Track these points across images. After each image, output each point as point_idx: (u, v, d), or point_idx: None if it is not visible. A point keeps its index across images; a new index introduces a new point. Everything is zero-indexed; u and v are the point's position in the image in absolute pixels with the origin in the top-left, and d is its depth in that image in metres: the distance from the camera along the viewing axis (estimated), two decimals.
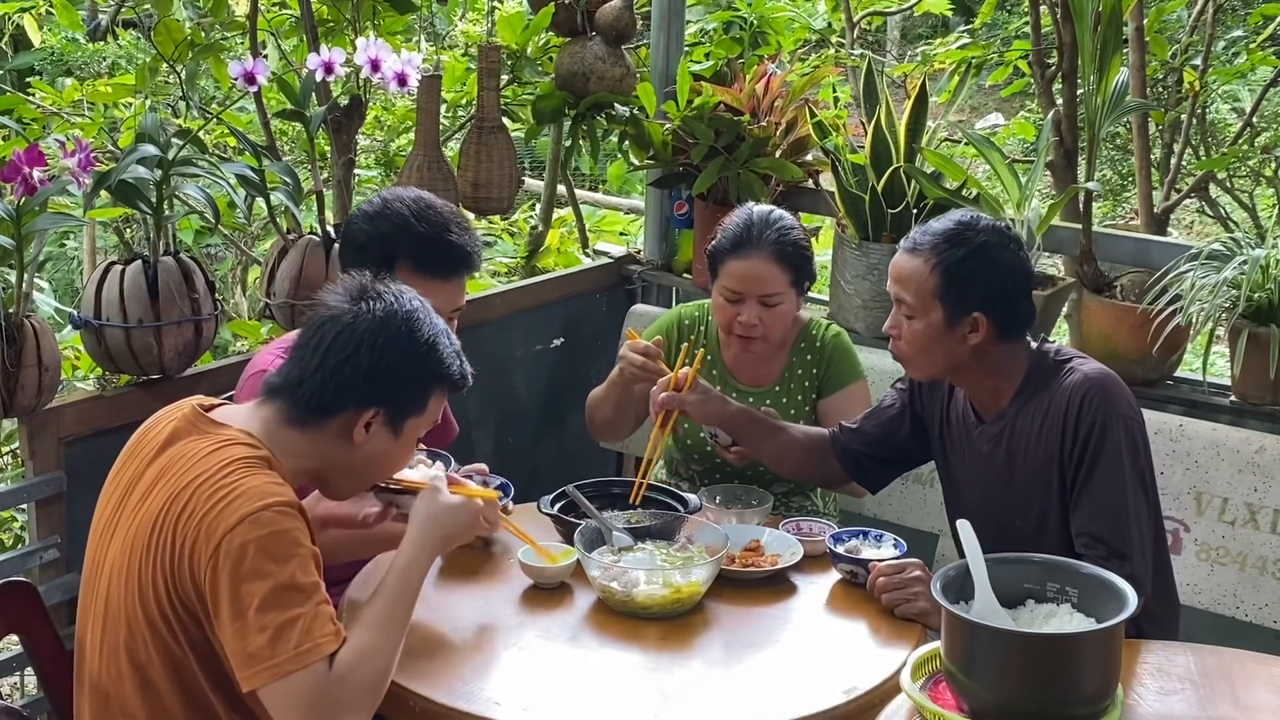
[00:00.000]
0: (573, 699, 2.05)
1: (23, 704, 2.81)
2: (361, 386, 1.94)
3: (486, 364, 3.58)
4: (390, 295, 2.00)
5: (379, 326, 1.95)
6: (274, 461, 1.92)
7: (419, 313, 2.01)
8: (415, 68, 2.93)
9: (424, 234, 2.46)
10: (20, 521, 4.04)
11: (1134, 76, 3.94)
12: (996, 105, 8.64)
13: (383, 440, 1.99)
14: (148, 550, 1.86)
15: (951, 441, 2.56)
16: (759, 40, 4.34)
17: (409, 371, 1.98)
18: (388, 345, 1.95)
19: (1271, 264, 2.84)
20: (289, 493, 1.87)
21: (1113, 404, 2.34)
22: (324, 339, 1.95)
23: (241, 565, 1.79)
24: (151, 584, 1.85)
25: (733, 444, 2.74)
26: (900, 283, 2.42)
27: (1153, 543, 2.38)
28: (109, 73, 5.84)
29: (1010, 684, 1.78)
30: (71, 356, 3.46)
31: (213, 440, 1.92)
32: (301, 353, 1.97)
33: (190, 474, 1.87)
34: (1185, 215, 7.33)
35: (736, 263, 2.80)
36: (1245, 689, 2.00)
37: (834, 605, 2.37)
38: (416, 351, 1.98)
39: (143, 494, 1.92)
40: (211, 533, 1.81)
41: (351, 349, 1.94)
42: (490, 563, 2.44)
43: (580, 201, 4.70)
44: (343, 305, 1.98)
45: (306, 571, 1.83)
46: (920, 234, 2.43)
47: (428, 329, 2.01)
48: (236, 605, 1.79)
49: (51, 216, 2.57)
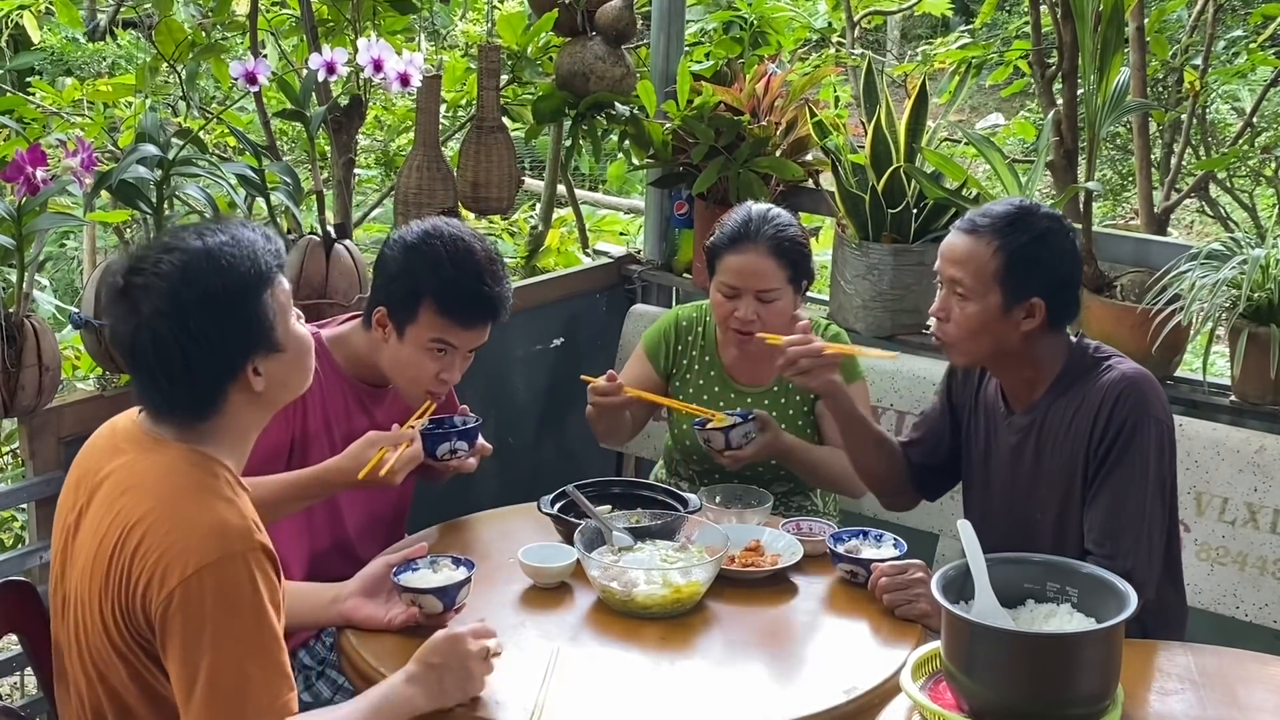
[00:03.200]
0: (573, 699, 2.05)
1: (23, 704, 2.81)
2: (219, 366, 1.84)
3: (486, 364, 3.60)
4: (151, 274, 1.82)
5: (174, 313, 1.80)
6: (227, 472, 1.85)
7: (187, 263, 1.83)
8: (418, 68, 2.93)
9: (454, 281, 2.42)
10: (20, 521, 4.04)
11: (1134, 76, 3.95)
12: (996, 105, 8.64)
13: (277, 363, 1.90)
14: (105, 586, 1.81)
15: (978, 432, 2.56)
16: (759, 40, 4.34)
17: (238, 315, 1.84)
18: (199, 320, 1.81)
19: (1271, 264, 2.84)
20: (245, 525, 1.79)
21: (1148, 406, 2.33)
22: (145, 359, 1.83)
23: (193, 622, 1.73)
24: (113, 618, 1.81)
25: (726, 448, 2.74)
26: (958, 264, 2.37)
27: (1164, 549, 2.37)
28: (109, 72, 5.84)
29: (1010, 684, 1.78)
30: (71, 356, 3.45)
31: (163, 460, 1.84)
32: (141, 378, 1.86)
33: (147, 499, 1.80)
34: (1185, 215, 7.33)
35: (734, 257, 2.81)
36: (1245, 689, 2.00)
37: (834, 605, 2.37)
38: (224, 297, 1.83)
39: (97, 517, 1.86)
40: (166, 577, 1.74)
41: (179, 351, 1.81)
42: (490, 562, 2.44)
43: (580, 201, 4.70)
44: (124, 319, 1.83)
45: (265, 628, 1.77)
46: (979, 216, 2.39)
47: (210, 265, 1.83)
48: (187, 660, 1.74)
49: (52, 216, 2.57)
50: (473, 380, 3.49)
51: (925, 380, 3.28)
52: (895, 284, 3.40)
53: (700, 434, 2.79)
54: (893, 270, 3.39)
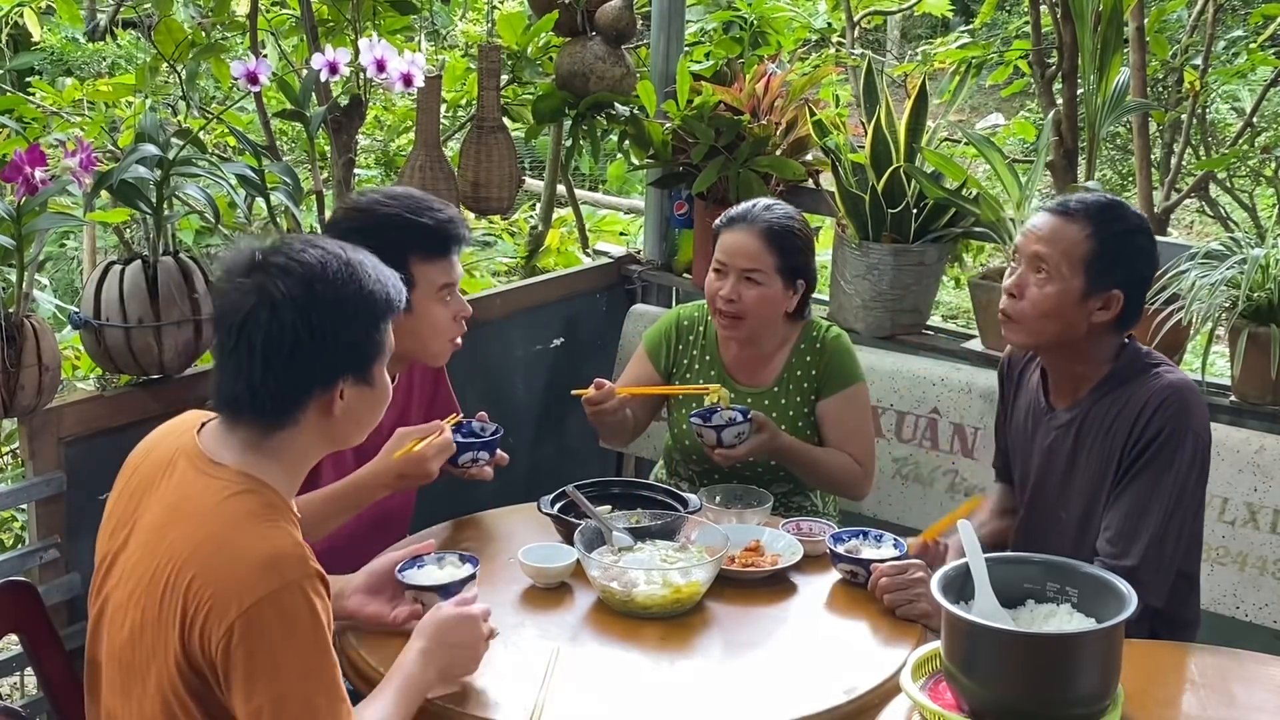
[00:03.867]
0: (573, 699, 2.05)
1: (23, 704, 2.81)
2: (319, 370, 1.84)
3: (486, 364, 3.60)
4: (292, 260, 1.83)
5: (303, 303, 1.80)
6: (279, 501, 1.84)
7: (328, 262, 1.84)
8: (420, 68, 2.93)
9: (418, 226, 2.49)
10: (20, 521, 4.04)
11: (1134, 76, 3.95)
12: (996, 105, 8.64)
13: (361, 397, 1.90)
14: (160, 613, 1.79)
15: (1015, 422, 2.57)
16: (759, 40, 4.35)
17: (355, 328, 1.86)
18: (322, 317, 1.81)
19: (1271, 264, 2.84)
20: (299, 553, 1.79)
21: (1189, 417, 2.32)
22: (253, 341, 1.80)
23: (256, 654, 1.72)
24: (164, 648, 1.79)
25: (717, 445, 2.74)
26: (1048, 243, 2.36)
27: (1183, 562, 2.37)
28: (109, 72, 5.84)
29: (1010, 684, 1.78)
30: (71, 356, 3.46)
31: (216, 486, 1.82)
32: (235, 361, 1.83)
33: (198, 533, 1.79)
34: (1185, 215, 7.34)
35: (727, 235, 2.86)
36: (1245, 689, 2.00)
37: (834, 605, 2.37)
38: (350, 306, 1.84)
39: (148, 537, 1.85)
40: (225, 609, 1.72)
41: (290, 341, 1.80)
42: (490, 563, 2.44)
43: (580, 201, 4.70)
44: (246, 293, 1.81)
45: (324, 656, 1.77)
46: (1074, 201, 2.38)
47: (346, 273, 1.85)
48: (251, 694, 1.73)
49: (52, 216, 2.57)
50: (473, 380, 3.51)
51: (925, 380, 3.28)
52: (895, 284, 3.40)
53: (695, 427, 2.79)
54: (893, 270, 3.39)
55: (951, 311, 6.27)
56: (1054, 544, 2.39)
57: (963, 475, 3.22)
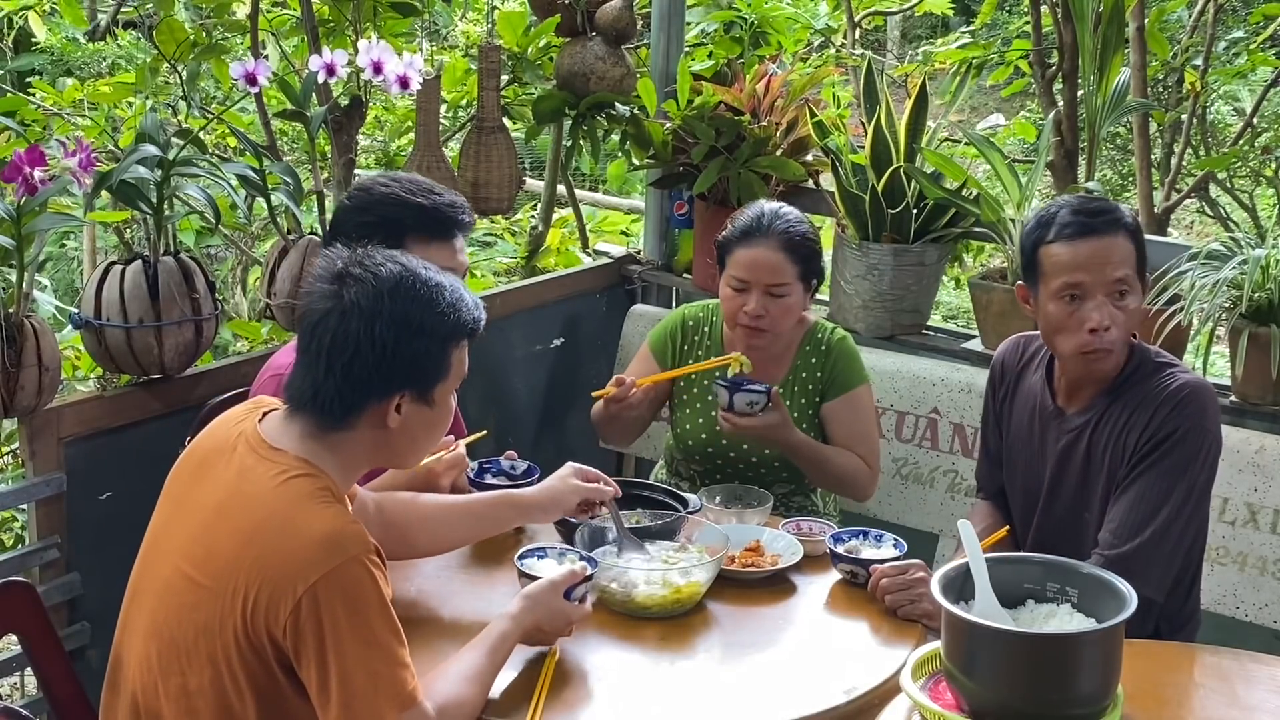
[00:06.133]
0: (573, 699, 2.05)
1: (23, 704, 2.81)
2: (376, 381, 1.89)
3: (486, 364, 3.60)
4: (369, 272, 1.90)
5: (370, 314, 1.87)
6: (334, 488, 1.89)
7: (404, 278, 1.91)
8: (417, 71, 2.93)
9: (416, 207, 2.46)
10: (20, 521, 4.04)
11: (1134, 76, 3.95)
12: (997, 105, 8.64)
13: (418, 415, 1.95)
14: (218, 589, 1.82)
15: (1015, 427, 2.55)
16: (759, 40, 4.35)
17: (417, 345, 1.90)
18: (385, 330, 1.87)
19: (1271, 264, 2.84)
20: (357, 529, 1.85)
21: (1203, 418, 2.32)
22: (321, 343, 1.88)
23: (323, 628, 1.78)
24: (220, 624, 1.82)
25: (728, 409, 2.74)
26: (1123, 264, 2.28)
27: (1184, 560, 2.37)
28: (109, 73, 5.85)
29: (1010, 684, 1.78)
30: (71, 356, 3.46)
31: (274, 470, 1.88)
32: (307, 359, 1.91)
33: (259, 512, 1.84)
34: (1185, 215, 7.34)
35: (744, 251, 2.82)
36: (1245, 689, 2.00)
37: (834, 605, 2.37)
38: (416, 322, 1.89)
39: (207, 515, 1.89)
40: (290, 587, 1.78)
41: (352, 348, 1.87)
42: (490, 563, 2.44)
43: (580, 201, 4.70)
44: (326, 298, 1.90)
45: (386, 625, 1.82)
46: (1089, 215, 2.31)
47: (419, 291, 1.91)
48: (321, 666, 1.79)
49: (52, 217, 2.57)
50: (473, 380, 3.49)
51: (925, 380, 3.28)
52: (895, 284, 3.41)
53: (715, 385, 2.80)
54: (893, 270, 3.39)
55: (951, 312, 6.28)
56: (1077, 545, 2.38)
57: (962, 475, 3.22)
